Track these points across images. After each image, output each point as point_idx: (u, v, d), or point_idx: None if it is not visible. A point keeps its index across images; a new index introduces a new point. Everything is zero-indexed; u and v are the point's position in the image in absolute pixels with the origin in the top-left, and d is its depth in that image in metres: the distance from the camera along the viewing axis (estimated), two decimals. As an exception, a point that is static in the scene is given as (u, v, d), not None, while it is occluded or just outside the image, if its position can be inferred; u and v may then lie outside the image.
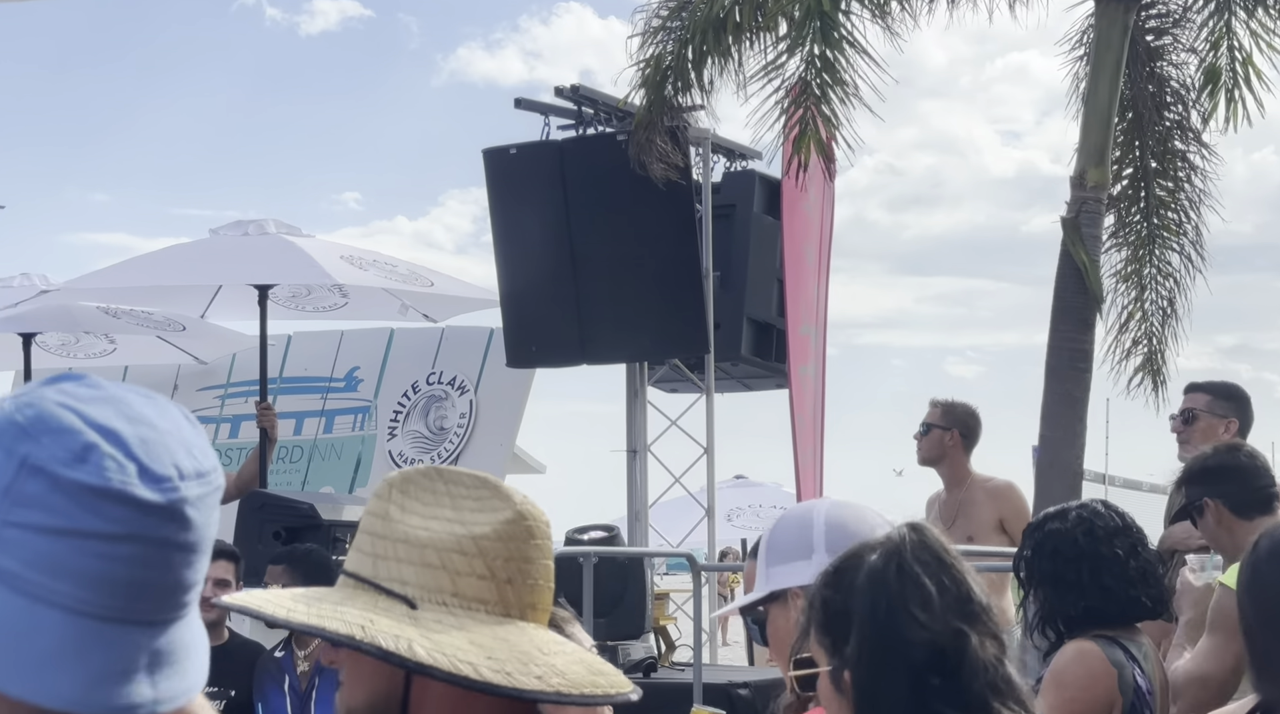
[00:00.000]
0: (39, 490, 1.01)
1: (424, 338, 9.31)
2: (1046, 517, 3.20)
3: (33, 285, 8.16)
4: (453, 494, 1.59)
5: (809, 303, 8.09)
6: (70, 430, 1.03)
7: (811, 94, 6.04)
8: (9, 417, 1.03)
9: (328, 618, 1.46)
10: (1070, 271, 6.36)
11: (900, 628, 1.73)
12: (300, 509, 7.09)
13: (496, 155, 8.29)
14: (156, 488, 1.04)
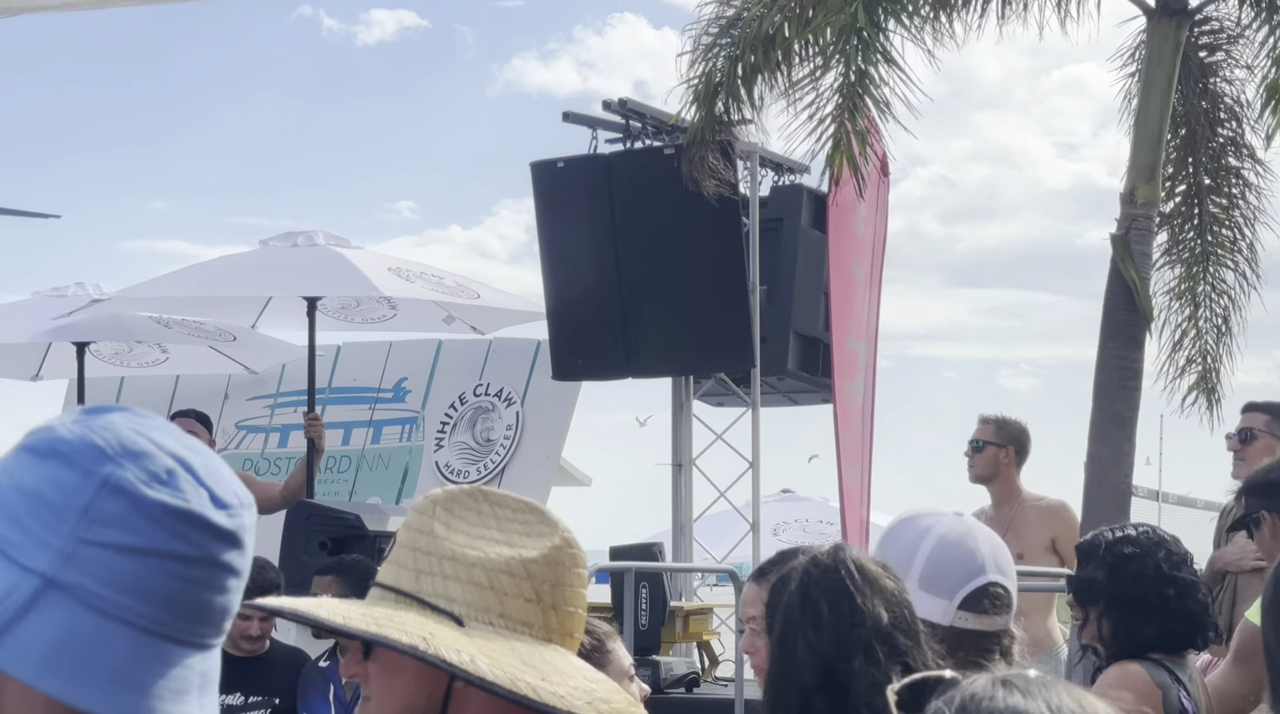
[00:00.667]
0: (119, 510, 1.04)
1: (471, 349, 9.35)
2: (1117, 540, 3.15)
3: (86, 294, 8.25)
4: (498, 516, 1.60)
5: (857, 317, 8.06)
6: (149, 454, 1.06)
7: (846, 108, 6.04)
8: (85, 438, 1.06)
9: (388, 628, 1.46)
10: (1120, 289, 6.32)
11: (794, 647, 1.87)
12: (346, 519, 7.13)
13: (544, 168, 8.32)
14: (225, 514, 1.07)
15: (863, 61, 5.98)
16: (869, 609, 1.89)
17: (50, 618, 1.02)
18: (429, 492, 1.66)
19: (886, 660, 1.86)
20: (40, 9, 3.80)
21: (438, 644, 1.43)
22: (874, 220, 8.11)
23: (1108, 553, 3.13)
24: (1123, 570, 3.07)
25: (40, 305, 8.36)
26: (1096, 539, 3.20)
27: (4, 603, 1.01)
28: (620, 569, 6.07)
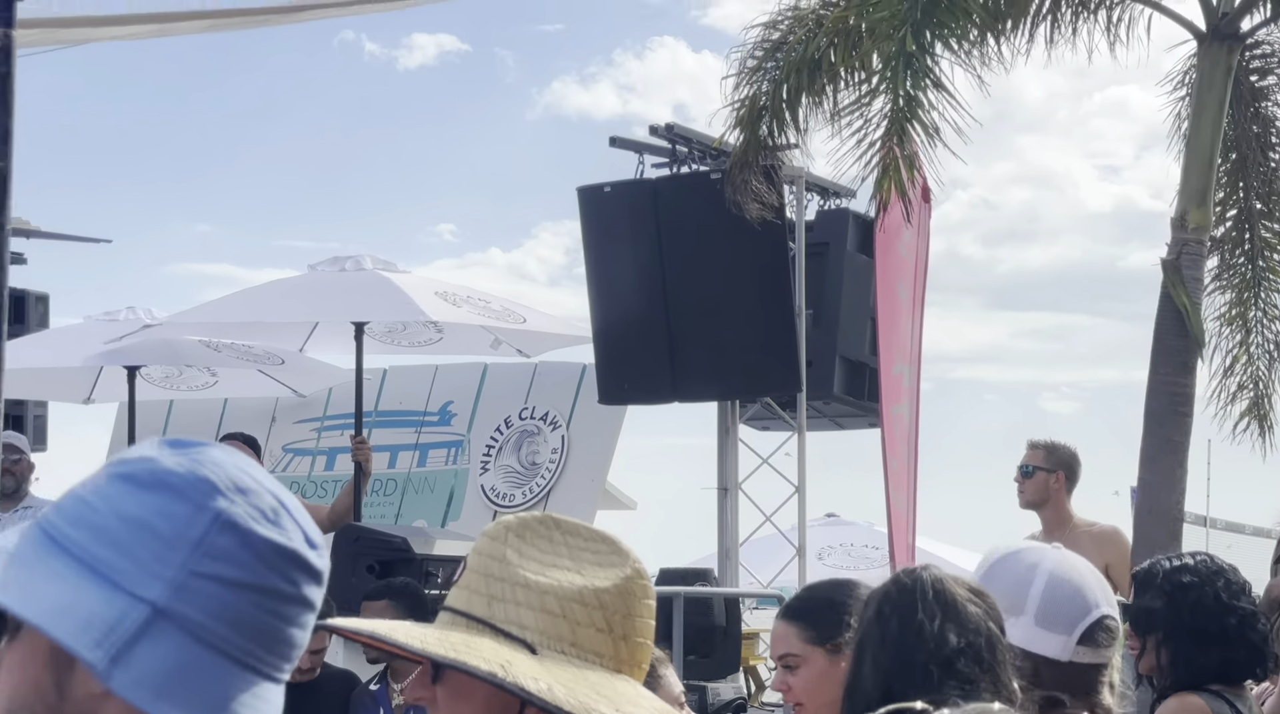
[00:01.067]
0: (230, 545, 1.06)
1: (517, 373, 9.37)
2: (1175, 568, 3.12)
3: (138, 319, 8.33)
4: (570, 545, 1.60)
5: (902, 341, 8.05)
6: (256, 491, 1.09)
7: (894, 134, 6.03)
8: (195, 472, 1.08)
9: (465, 653, 1.47)
10: (1170, 314, 6.27)
11: (863, 662, 1.95)
12: (393, 543, 7.16)
13: (591, 193, 8.35)
14: (316, 554, 1.10)
15: (911, 86, 5.97)
16: (933, 631, 1.90)
17: (161, 647, 1.04)
18: (502, 518, 1.66)
19: (941, 684, 1.86)
20: (86, 40, 3.86)
21: (516, 672, 1.44)
22: (916, 244, 8.11)
23: (1165, 581, 3.10)
24: (1181, 599, 3.04)
25: (92, 330, 8.44)
26: (1154, 567, 3.17)
27: (118, 629, 1.03)
28: (669, 594, 6.06)
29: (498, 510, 9.00)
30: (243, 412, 9.63)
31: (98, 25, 3.42)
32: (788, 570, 8.91)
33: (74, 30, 3.52)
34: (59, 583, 1.04)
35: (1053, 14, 6.59)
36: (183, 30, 3.58)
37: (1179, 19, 6.52)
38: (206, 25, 3.60)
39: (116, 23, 3.37)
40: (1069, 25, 6.61)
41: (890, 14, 5.93)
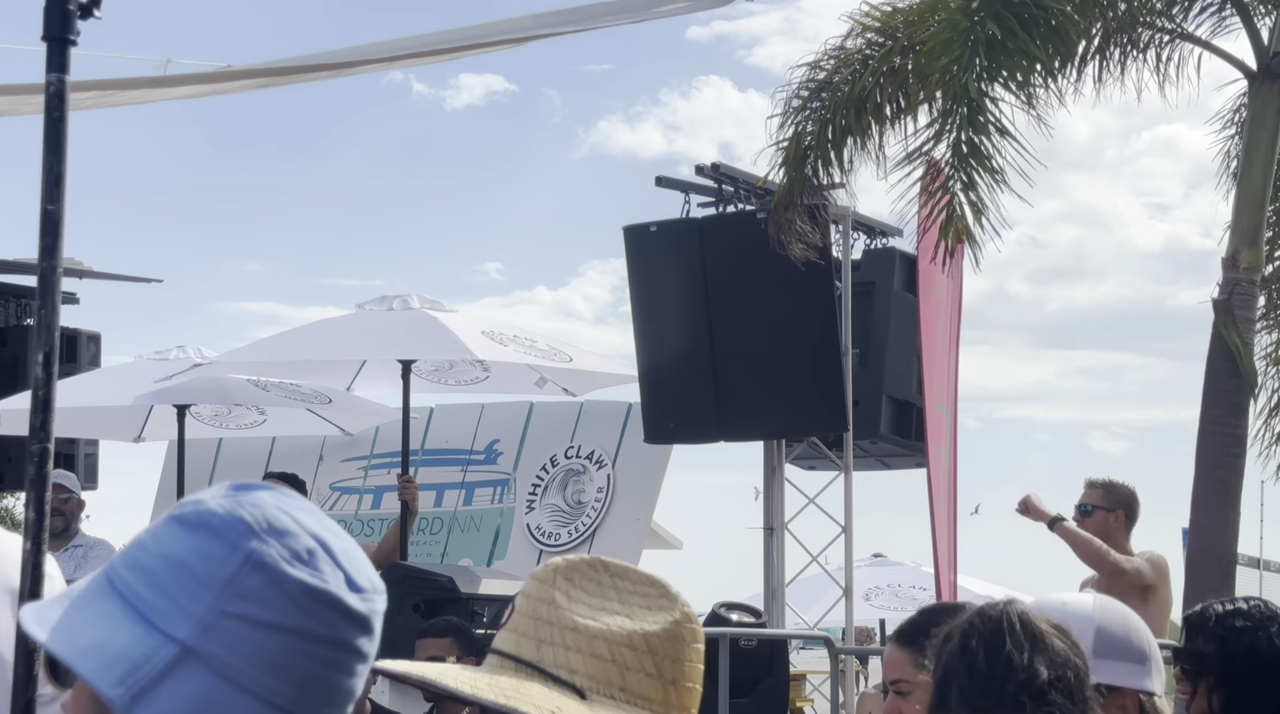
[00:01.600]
0: (260, 585, 1.06)
1: (563, 412, 9.38)
2: (1228, 613, 3.09)
3: (187, 358, 8.40)
4: (619, 588, 1.59)
5: (940, 382, 8.01)
6: (293, 532, 1.08)
7: (959, 180, 6.00)
8: (233, 513, 1.09)
9: (515, 699, 1.46)
10: (1222, 354, 6.21)
11: (948, 693, 1.95)
12: (440, 582, 7.16)
13: (637, 232, 8.37)
14: (359, 598, 1.09)
15: (974, 132, 5.95)
16: (1024, 664, 1.91)
17: (187, 685, 1.04)
18: (550, 560, 1.66)
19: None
20: (143, 101, 3.91)
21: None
22: (949, 285, 8.04)
23: (1219, 625, 3.06)
24: (1235, 644, 3.00)
25: (143, 369, 8.52)
26: (1206, 611, 3.12)
27: (144, 667, 1.03)
28: (715, 634, 6.02)
29: (543, 550, 8.99)
30: (290, 450, 9.68)
31: (154, 87, 3.46)
32: (835, 611, 8.84)
33: (128, 93, 3.56)
34: (103, 623, 1.06)
35: (1101, 53, 6.57)
36: (236, 89, 3.62)
37: (1229, 58, 6.48)
38: (259, 83, 3.63)
39: (172, 83, 3.41)
40: (1117, 64, 6.59)
41: (948, 59, 5.91)
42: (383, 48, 4.12)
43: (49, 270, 2.64)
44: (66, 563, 7.81)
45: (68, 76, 2.60)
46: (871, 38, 6.55)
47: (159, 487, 10.02)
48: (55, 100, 2.59)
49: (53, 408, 2.60)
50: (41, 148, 2.63)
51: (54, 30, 2.59)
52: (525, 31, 4.11)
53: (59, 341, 2.59)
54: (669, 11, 3.93)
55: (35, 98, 3.89)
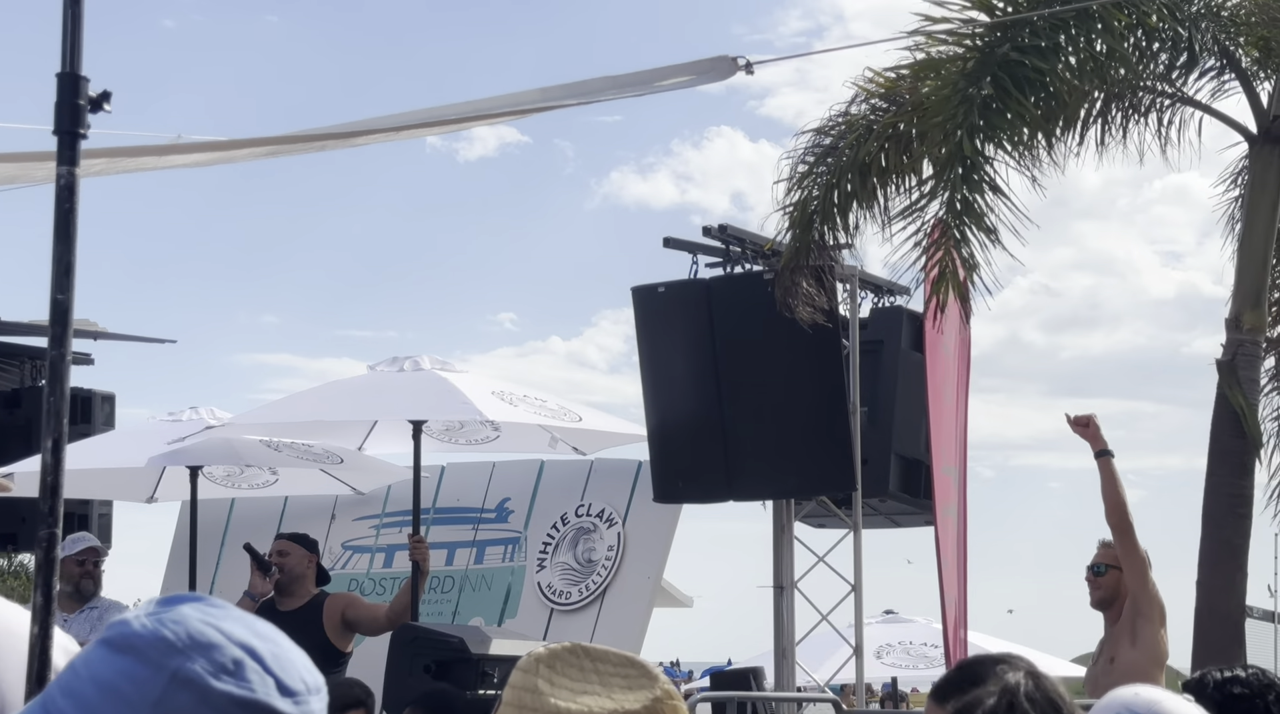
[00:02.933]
0: (189, 702, 1.09)
1: (573, 470, 9.41)
2: (1226, 679, 3.12)
3: (200, 419, 8.46)
4: (600, 671, 1.63)
5: (948, 441, 8.02)
6: (217, 645, 1.11)
7: (951, 237, 6.06)
8: (156, 632, 1.11)
9: None
10: (1227, 415, 6.24)
11: None
12: (450, 643, 7.17)
13: (645, 293, 8.42)
14: (291, 701, 1.11)
15: (968, 191, 6.01)
16: None
17: None
18: (532, 650, 1.70)
19: None
20: (152, 168, 3.98)
21: None
22: (957, 345, 8.04)
23: (1216, 692, 3.09)
24: (1231, 710, 3.02)
25: (156, 430, 8.58)
26: (1205, 678, 3.16)
27: None
28: (722, 699, 6.03)
29: (554, 608, 9.00)
30: (303, 509, 9.72)
31: (161, 154, 3.53)
32: (845, 669, 8.83)
33: (138, 160, 3.64)
34: None
35: (1103, 117, 6.63)
36: (244, 158, 3.69)
37: (1229, 121, 6.54)
38: (267, 152, 3.70)
39: (179, 151, 3.48)
40: (1119, 128, 6.64)
41: (944, 119, 5.98)
42: (390, 119, 4.19)
43: (58, 359, 2.69)
44: (82, 625, 7.85)
45: (78, 169, 2.67)
46: (875, 103, 6.62)
47: (172, 545, 10.06)
48: (65, 193, 2.64)
49: (61, 493, 2.64)
50: (51, 237, 2.70)
51: (64, 124, 2.65)
52: (530, 104, 4.18)
53: (66, 429, 2.64)
54: (670, 86, 4.00)
55: (44, 165, 3.98)
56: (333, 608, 7.66)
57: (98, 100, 2.68)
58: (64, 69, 2.67)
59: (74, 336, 2.76)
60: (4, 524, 10.29)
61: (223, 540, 9.95)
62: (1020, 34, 6.15)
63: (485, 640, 7.34)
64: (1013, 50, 6.05)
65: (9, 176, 3.86)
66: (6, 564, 24.25)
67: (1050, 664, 11.14)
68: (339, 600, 7.78)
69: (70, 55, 2.65)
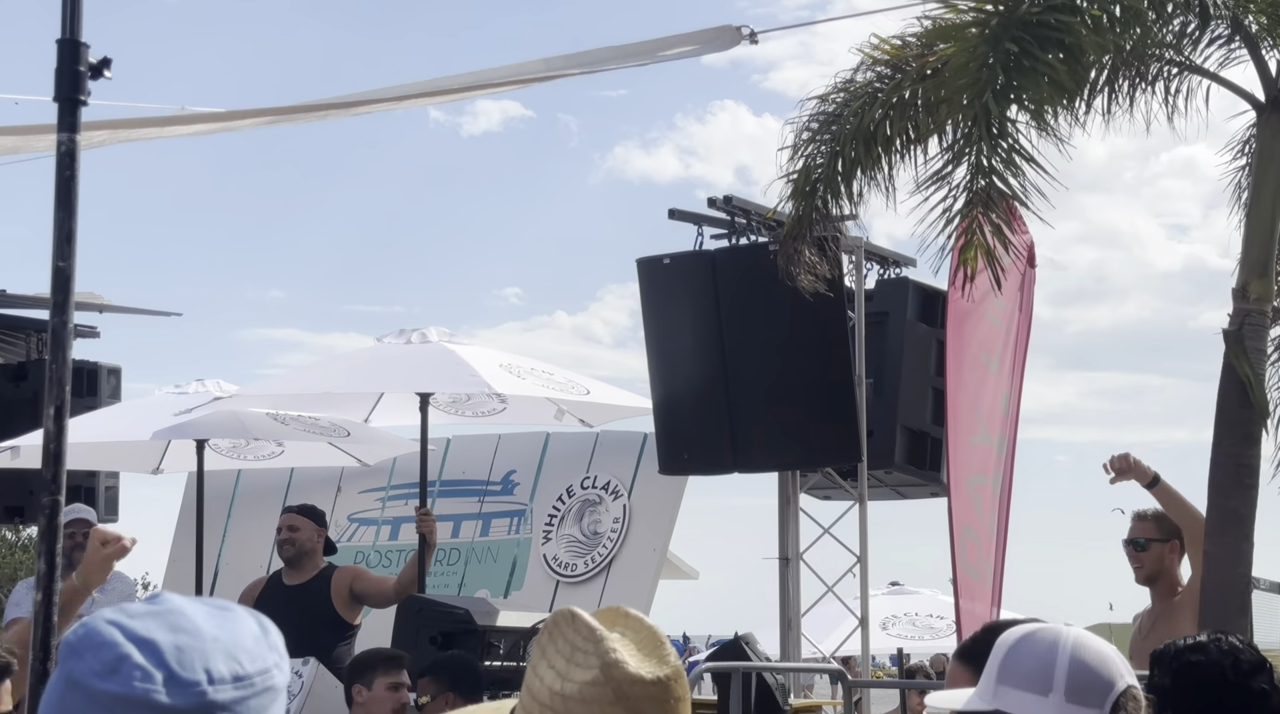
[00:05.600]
0: (80, 703, 1.16)
1: (579, 442, 9.41)
2: (1185, 648, 3.17)
3: (207, 392, 8.47)
4: (571, 644, 1.64)
5: (988, 410, 7.80)
6: (109, 643, 1.17)
7: (979, 202, 5.99)
8: (66, 637, 1.20)
9: None
10: (1233, 385, 6.20)
11: None
12: (456, 614, 7.20)
13: (650, 265, 8.41)
14: (182, 693, 1.16)
15: (993, 153, 5.95)
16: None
17: None
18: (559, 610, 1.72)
19: None
20: (153, 138, 3.98)
21: None
22: (1011, 311, 7.88)
23: (1174, 660, 3.14)
24: (1186, 678, 3.08)
25: (162, 402, 8.60)
26: (1168, 647, 3.22)
27: None
28: (726, 669, 6.04)
29: (560, 580, 9.02)
30: (309, 481, 9.73)
31: (163, 125, 3.53)
32: (851, 640, 8.84)
33: (140, 130, 3.63)
34: None
35: (1109, 86, 6.58)
36: (245, 126, 3.68)
37: (1237, 89, 6.49)
38: (268, 121, 3.70)
39: (181, 122, 3.48)
40: (1125, 97, 6.59)
41: (968, 81, 5.91)
42: (392, 89, 4.18)
43: (60, 326, 2.70)
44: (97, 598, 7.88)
45: (79, 136, 2.67)
46: (881, 70, 6.57)
47: (179, 517, 10.08)
48: (66, 159, 2.65)
49: (64, 461, 2.66)
50: (53, 205, 2.70)
51: (65, 91, 2.66)
52: (533, 74, 4.17)
53: (69, 401, 2.64)
54: (674, 55, 3.99)
55: (46, 136, 3.97)
56: (340, 581, 7.68)
57: (98, 67, 2.69)
58: (64, 35, 2.67)
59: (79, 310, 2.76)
60: (11, 496, 10.33)
61: (229, 512, 9.98)
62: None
63: (491, 612, 7.37)
64: (1034, 7, 5.97)
65: (11, 148, 3.85)
66: (14, 537, 24.33)
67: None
68: (346, 573, 7.80)
69: (70, 21, 2.66)
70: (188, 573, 8.73)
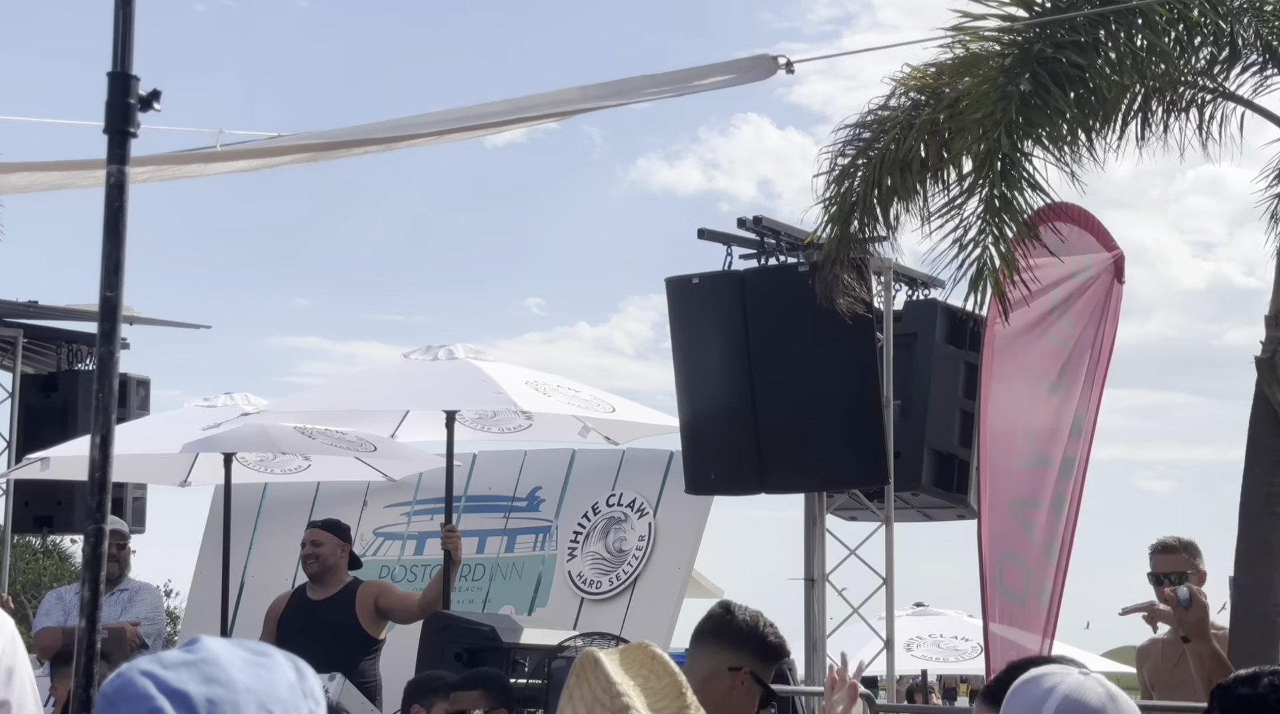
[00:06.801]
0: None
1: (605, 459, 9.42)
2: (1237, 680, 3.14)
3: (235, 406, 8.51)
4: (593, 693, 1.65)
5: (1049, 434, 7.56)
6: (143, 696, 1.19)
7: (990, 233, 6.04)
8: (104, 687, 1.22)
9: None
10: (1265, 413, 6.19)
11: None
12: (481, 631, 7.22)
13: (679, 284, 8.42)
14: None
15: (1006, 187, 5.98)
16: None
17: None
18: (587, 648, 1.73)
19: None
20: (196, 175, 4.01)
21: None
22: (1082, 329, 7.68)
23: (1226, 694, 3.11)
24: (1236, 711, 3.05)
25: (191, 416, 8.64)
26: (1226, 681, 3.18)
27: None
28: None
29: (585, 597, 9.03)
30: (335, 495, 9.77)
31: (207, 161, 3.56)
32: (876, 663, 8.82)
33: (184, 168, 3.66)
34: None
35: (1143, 112, 6.58)
36: (287, 163, 3.72)
37: (1271, 116, 6.49)
38: (309, 157, 3.73)
39: (224, 158, 3.51)
40: (1160, 123, 6.60)
41: (983, 116, 5.95)
42: (430, 120, 4.20)
43: (106, 355, 2.72)
44: (112, 607, 7.92)
45: (128, 168, 2.69)
46: (914, 97, 6.58)
47: (205, 529, 10.13)
48: (115, 191, 2.67)
49: (109, 488, 2.67)
50: (101, 236, 2.72)
51: (115, 123, 2.68)
52: (570, 105, 4.18)
53: (114, 428, 2.66)
54: (709, 85, 3.99)
55: (93, 172, 4.00)
56: (365, 596, 7.71)
57: (147, 99, 2.71)
58: (115, 68, 2.70)
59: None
60: (41, 506, 10.39)
61: (255, 525, 10.01)
62: (1060, 30, 6.12)
63: (516, 629, 7.38)
64: (1051, 47, 6.02)
65: (58, 183, 3.89)
66: (40, 544, 24.41)
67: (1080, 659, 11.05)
68: (372, 588, 7.83)
69: (121, 54, 2.68)
70: (213, 585, 8.77)
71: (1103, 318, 7.72)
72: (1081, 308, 7.47)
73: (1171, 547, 5.73)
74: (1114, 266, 7.64)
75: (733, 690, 3.48)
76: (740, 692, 3.50)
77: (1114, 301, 7.77)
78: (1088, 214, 7.42)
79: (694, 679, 3.71)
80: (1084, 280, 7.55)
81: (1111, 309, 7.77)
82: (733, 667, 3.50)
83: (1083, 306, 7.46)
